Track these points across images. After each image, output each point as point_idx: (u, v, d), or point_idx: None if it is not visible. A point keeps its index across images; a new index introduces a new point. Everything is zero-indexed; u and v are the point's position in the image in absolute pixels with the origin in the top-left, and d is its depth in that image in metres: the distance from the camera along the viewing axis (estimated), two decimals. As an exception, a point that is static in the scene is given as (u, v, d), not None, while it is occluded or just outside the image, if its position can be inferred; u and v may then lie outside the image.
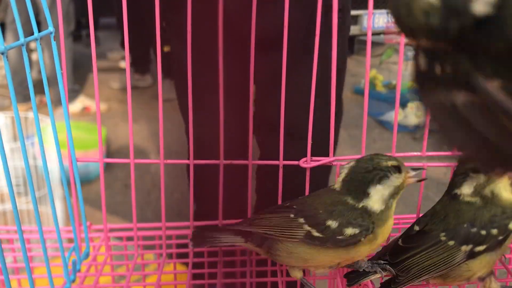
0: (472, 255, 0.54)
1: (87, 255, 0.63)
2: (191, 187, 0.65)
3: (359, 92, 3.55)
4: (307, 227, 0.53)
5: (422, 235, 0.56)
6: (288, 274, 0.59)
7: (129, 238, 0.68)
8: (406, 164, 0.64)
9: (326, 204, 0.54)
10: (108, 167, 2.11)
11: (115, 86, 3.22)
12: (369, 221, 0.53)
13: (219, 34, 0.55)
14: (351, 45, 4.65)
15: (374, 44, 4.12)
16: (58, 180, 1.47)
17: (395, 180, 0.54)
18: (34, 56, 2.79)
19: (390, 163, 0.54)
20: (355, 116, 2.94)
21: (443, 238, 0.54)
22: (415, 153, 0.64)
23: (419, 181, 0.57)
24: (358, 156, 0.59)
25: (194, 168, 0.63)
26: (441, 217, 0.56)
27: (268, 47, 0.64)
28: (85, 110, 2.88)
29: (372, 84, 3.50)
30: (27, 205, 1.53)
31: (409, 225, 0.76)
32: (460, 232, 0.54)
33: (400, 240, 0.57)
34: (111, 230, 0.68)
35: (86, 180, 1.91)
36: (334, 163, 0.63)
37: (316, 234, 0.53)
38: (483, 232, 0.53)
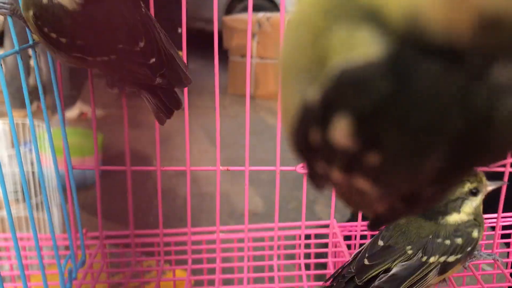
0: (444, 268, 0.53)
1: (83, 263, 0.62)
2: (190, 195, 0.64)
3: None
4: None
5: (387, 249, 0.54)
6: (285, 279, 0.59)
7: (127, 245, 0.68)
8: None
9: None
10: (105, 172, 2.10)
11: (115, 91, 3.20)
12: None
13: None
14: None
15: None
16: (55, 186, 1.46)
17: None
18: (31, 62, 2.79)
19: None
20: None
21: (409, 252, 0.53)
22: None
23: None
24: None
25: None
26: (403, 230, 0.54)
27: None
28: (82, 116, 2.87)
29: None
30: (25, 211, 1.52)
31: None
32: (426, 244, 0.52)
33: (365, 259, 0.54)
34: (107, 237, 0.68)
35: (83, 186, 1.90)
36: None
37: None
38: (447, 242, 0.52)
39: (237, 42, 3.51)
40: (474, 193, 0.54)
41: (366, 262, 0.54)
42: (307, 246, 0.69)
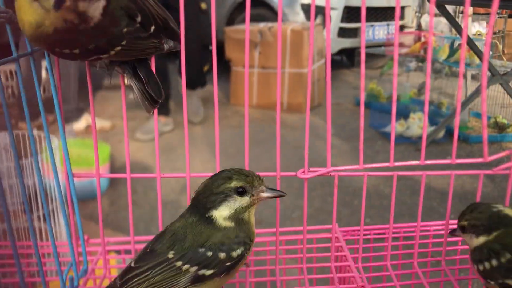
0: (198, 279, 0.51)
1: (85, 271, 0.63)
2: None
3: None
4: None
5: (151, 253, 0.52)
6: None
7: (128, 252, 0.68)
8: (406, 173, 0.63)
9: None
10: (113, 183, 2.11)
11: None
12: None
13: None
14: (352, 57, 4.67)
15: (375, 56, 4.12)
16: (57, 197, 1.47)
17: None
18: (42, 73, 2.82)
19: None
20: (357, 128, 2.93)
21: (170, 256, 0.51)
22: (415, 162, 0.64)
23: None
24: (356, 167, 0.60)
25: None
26: (179, 237, 0.52)
27: None
28: (89, 128, 2.89)
29: (375, 96, 3.50)
30: (26, 223, 1.53)
31: (410, 234, 0.76)
32: (188, 252, 0.51)
33: (133, 261, 0.53)
34: (109, 243, 0.68)
35: (92, 197, 1.91)
36: (332, 173, 0.63)
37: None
38: (210, 254, 0.51)
39: (239, 52, 3.53)
40: (240, 192, 0.53)
41: (132, 264, 0.53)
42: (309, 250, 0.69)
